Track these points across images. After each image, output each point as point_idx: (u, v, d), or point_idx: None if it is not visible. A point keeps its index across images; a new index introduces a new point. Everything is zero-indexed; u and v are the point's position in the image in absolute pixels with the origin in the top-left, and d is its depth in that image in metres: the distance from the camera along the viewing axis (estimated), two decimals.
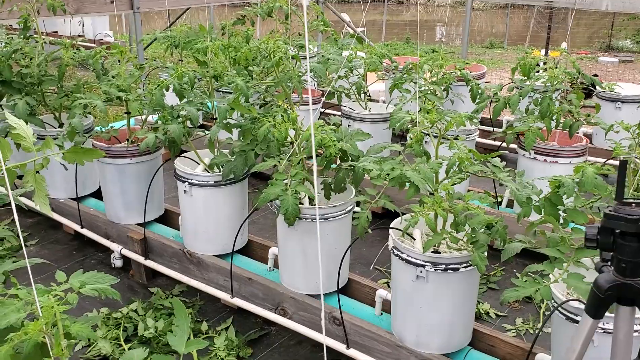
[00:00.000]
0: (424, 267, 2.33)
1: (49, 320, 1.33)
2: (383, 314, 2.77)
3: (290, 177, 2.63)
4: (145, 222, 3.41)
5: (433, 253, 2.39)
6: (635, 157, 2.30)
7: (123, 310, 3.09)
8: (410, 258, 2.37)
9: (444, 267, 2.32)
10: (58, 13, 4.06)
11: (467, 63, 4.56)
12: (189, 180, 3.08)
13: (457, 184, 2.42)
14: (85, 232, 3.70)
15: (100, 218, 3.62)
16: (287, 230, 2.75)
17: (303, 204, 2.76)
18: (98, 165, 3.48)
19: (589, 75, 3.80)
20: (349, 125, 4.30)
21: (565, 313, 2.12)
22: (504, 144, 3.58)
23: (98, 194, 3.90)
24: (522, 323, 3.10)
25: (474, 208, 2.26)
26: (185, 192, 3.11)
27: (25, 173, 1.69)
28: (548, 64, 3.90)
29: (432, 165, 2.39)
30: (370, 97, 5.05)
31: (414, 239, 2.56)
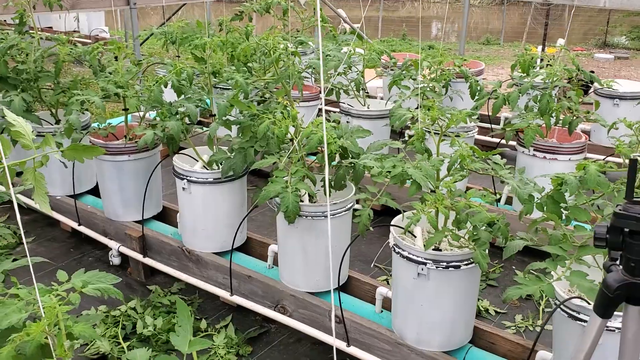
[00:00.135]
0: (426, 264, 2.32)
1: (52, 321, 1.31)
2: (383, 312, 2.76)
3: (291, 174, 2.61)
4: (143, 219, 3.39)
5: (434, 250, 2.38)
6: None
7: (121, 308, 3.06)
8: (412, 256, 2.36)
9: (446, 264, 2.31)
10: (54, 8, 4.03)
11: (465, 60, 4.55)
12: (188, 178, 3.06)
13: (458, 182, 2.41)
14: (83, 229, 3.68)
15: (98, 215, 3.60)
16: (287, 228, 2.73)
17: (303, 202, 2.75)
18: (95, 162, 3.45)
19: (588, 72, 3.80)
20: (348, 122, 4.29)
21: (568, 311, 2.11)
22: (503, 141, 3.57)
23: (95, 191, 3.88)
24: (521, 320, 3.09)
25: (476, 206, 2.25)
26: (184, 189, 3.09)
27: (25, 171, 1.66)
28: (547, 61, 3.89)
29: (433, 163, 2.38)
30: (368, 93, 5.04)
31: (415, 237, 2.55)
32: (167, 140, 3.11)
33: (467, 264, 2.32)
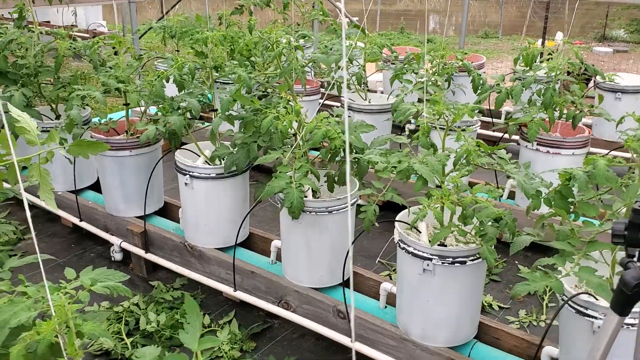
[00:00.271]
0: (431, 260, 2.31)
1: (62, 319, 1.29)
2: (387, 307, 2.75)
3: (295, 169, 2.60)
4: (145, 214, 3.37)
5: (439, 246, 2.37)
6: None
7: (124, 304, 3.05)
8: (417, 251, 2.35)
9: (452, 260, 2.30)
10: (53, 2, 3.99)
11: (465, 53, 4.53)
12: (190, 173, 3.04)
13: (464, 176, 2.40)
14: (84, 225, 3.66)
15: (99, 211, 3.58)
16: (290, 224, 2.72)
17: (307, 197, 2.73)
18: (97, 158, 3.43)
19: (592, 66, 3.78)
20: (349, 117, 4.26)
21: (575, 306, 2.10)
22: (506, 135, 3.56)
23: (96, 187, 3.86)
24: (525, 315, 3.09)
25: (483, 201, 2.24)
26: (187, 184, 3.07)
27: (30, 167, 1.65)
28: (550, 54, 3.87)
29: (439, 158, 2.37)
30: (369, 87, 5.02)
31: (419, 232, 2.54)
32: (169, 136, 3.09)
33: (473, 260, 2.31)
